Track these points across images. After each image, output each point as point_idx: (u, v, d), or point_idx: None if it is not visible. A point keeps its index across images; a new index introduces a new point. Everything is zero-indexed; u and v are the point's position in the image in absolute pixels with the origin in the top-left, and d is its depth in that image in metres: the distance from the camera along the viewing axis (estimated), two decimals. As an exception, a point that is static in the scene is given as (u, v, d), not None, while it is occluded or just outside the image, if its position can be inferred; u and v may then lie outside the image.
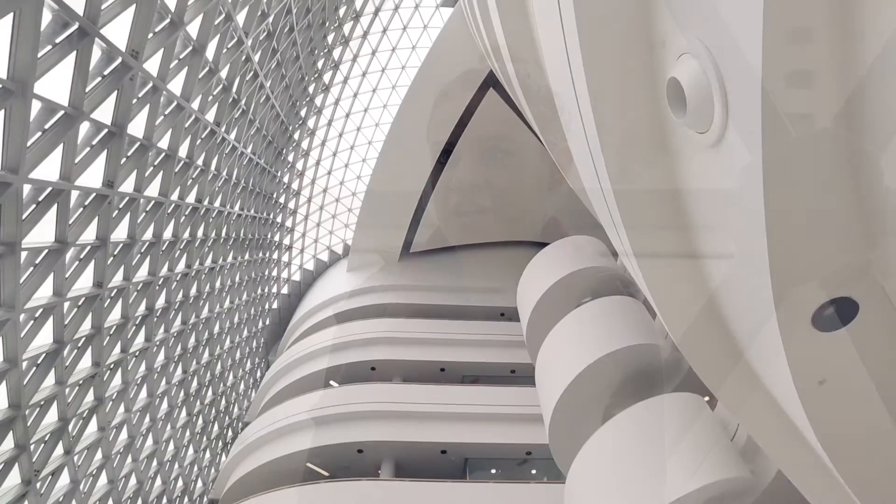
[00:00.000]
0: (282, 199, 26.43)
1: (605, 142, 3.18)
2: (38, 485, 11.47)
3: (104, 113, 9.41)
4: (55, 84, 7.95)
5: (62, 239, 9.68)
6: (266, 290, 30.08)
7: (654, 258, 3.46)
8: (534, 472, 15.43)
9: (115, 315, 13.33)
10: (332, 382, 19.10)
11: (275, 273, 30.57)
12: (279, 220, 27.97)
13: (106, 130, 9.76)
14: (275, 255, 29.28)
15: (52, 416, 11.63)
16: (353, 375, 18.84)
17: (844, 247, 2.34)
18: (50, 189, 8.98)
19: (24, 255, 8.91)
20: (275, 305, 31.82)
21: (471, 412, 15.92)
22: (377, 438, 15.33)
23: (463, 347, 19.20)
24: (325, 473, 15.98)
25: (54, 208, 9.17)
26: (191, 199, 15.54)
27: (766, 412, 4.44)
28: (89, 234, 10.84)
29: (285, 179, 25.68)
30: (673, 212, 3.19)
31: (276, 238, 28.72)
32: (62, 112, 8.35)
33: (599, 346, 11.80)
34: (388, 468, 15.44)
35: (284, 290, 31.98)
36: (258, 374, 31.37)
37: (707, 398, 11.03)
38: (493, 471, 15.62)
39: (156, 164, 12.47)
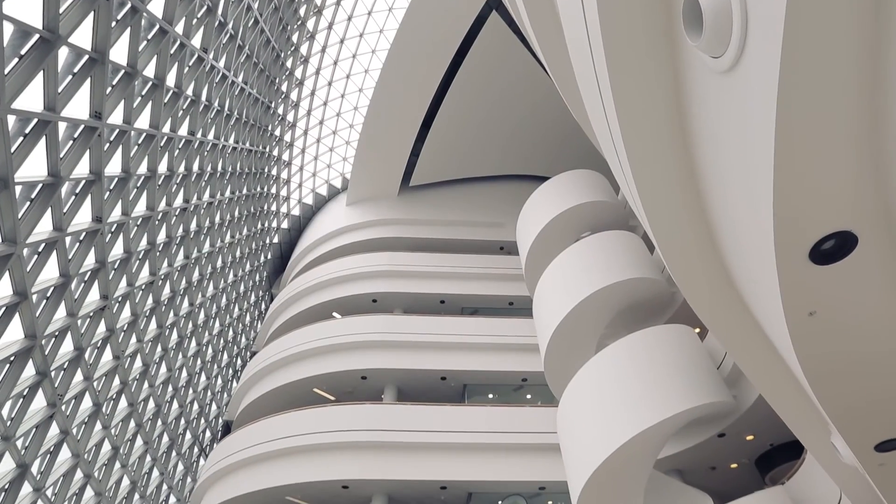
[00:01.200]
0: (277, 132, 25.68)
1: (612, 69, 3.02)
2: (63, 407, 12.20)
3: (83, 37, 8.88)
4: (27, 5, 7.43)
5: (55, 173, 9.52)
6: (266, 224, 30.10)
7: (656, 190, 3.42)
8: (529, 396, 16.36)
9: (117, 250, 13.44)
10: (335, 314, 19.69)
11: (274, 208, 30.43)
12: (275, 153, 27.36)
13: (87, 57, 9.26)
14: (273, 190, 28.98)
15: (67, 345, 12.11)
16: (355, 307, 19.38)
17: (851, 181, 2.30)
18: (36, 121, 8.69)
19: (18, 189, 8.80)
20: (275, 240, 32.02)
21: (470, 342, 16.56)
22: (380, 366, 16.07)
23: (462, 280, 19.58)
24: (331, 398, 16.96)
25: (43, 141, 8.93)
26: (183, 131, 15.09)
27: (753, 342, 4.62)
28: (83, 168, 10.65)
29: (280, 111, 24.78)
30: (679, 142, 3.11)
31: (274, 172, 28.27)
32: (37, 36, 7.88)
33: (596, 279, 12.00)
34: (391, 393, 16.34)
35: (284, 225, 32.02)
36: (263, 306, 32.26)
37: (698, 329, 11.44)
38: (491, 395, 16.55)
39: (143, 94, 11.97)
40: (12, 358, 10.09)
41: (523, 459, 13.34)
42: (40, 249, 10.12)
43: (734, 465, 12.11)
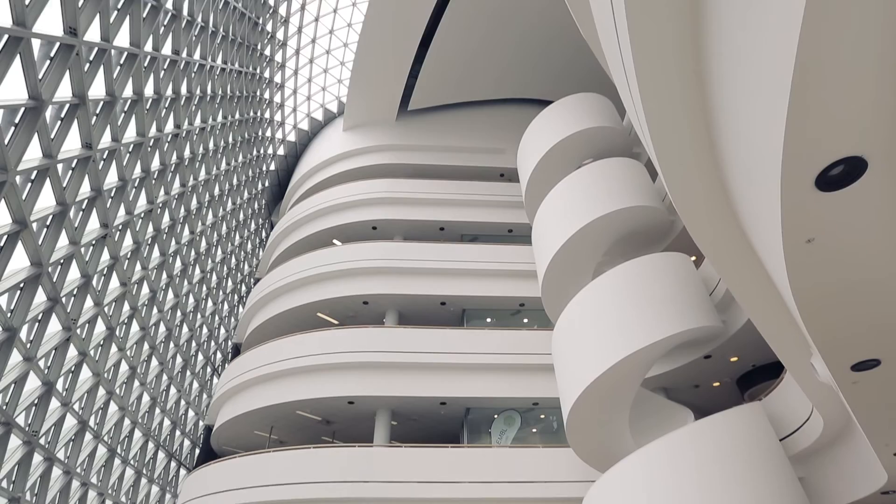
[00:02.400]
0: (267, 52, 24.23)
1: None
2: (79, 331, 12.69)
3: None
4: None
5: (35, 96, 9.12)
6: (262, 151, 29.39)
7: (664, 112, 3.28)
8: (525, 321, 16.96)
9: (112, 178, 13.24)
10: (335, 241, 19.85)
11: (269, 133, 29.55)
12: (266, 75, 26.02)
13: (53, -36, 8.49)
14: (266, 115, 27.95)
15: (74, 273, 12.34)
16: (355, 234, 19.50)
17: (869, 106, 2.19)
18: (6, 37, 8.16)
19: (0, 113, 8.48)
20: (272, 167, 31.46)
21: (469, 268, 16.85)
22: (381, 291, 16.49)
23: (462, 207, 19.52)
24: (335, 322, 17.59)
25: (18, 61, 8.45)
26: (166, 50, 14.23)
27: (747, 268, 4.70)
28: (65, 91, 10.18)
29: (268, 28, 23.19)
30: (691, 60, 2.93)
31: (266, 96, 27.08)
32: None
33: (596, 207, 11.95)
34: (392, 317, 16.93)
35: (281, 152, 31.29)
36: (263, 234, 32.45)
37: (694, 257, 11.60)
38: (489, 320, 17.15)
39: (119, 7, 11.13)
40: (22, 284, 10.32)
41: (518, 378, 14.14)
42: (33, 177, 9.97)
43: (717, 384, 12.88)
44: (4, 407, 10.24)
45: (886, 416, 5.17)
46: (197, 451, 22.14)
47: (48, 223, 10.87)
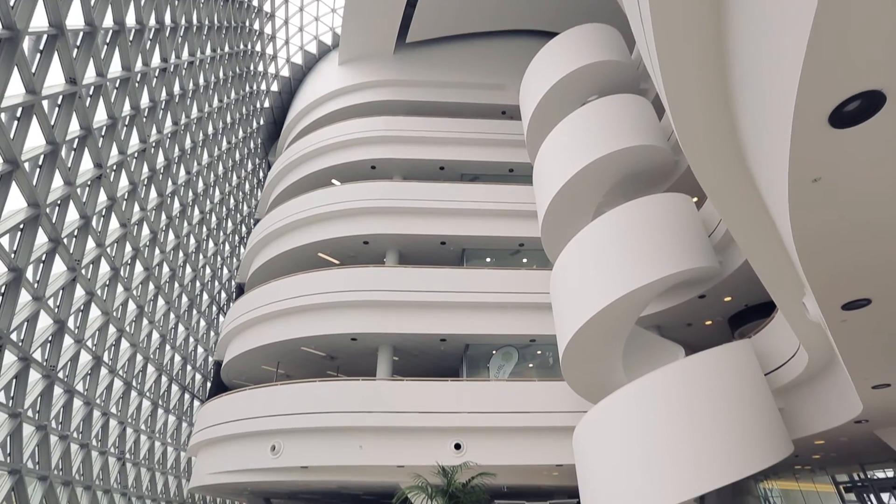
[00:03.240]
0: (253, -25, 22.60)
1: None
2: (84, 271, 12.87)
3: None
4: None
5: (9, 25, 8.61)
6: (254, 87, 28.26)
7: (676, 42, 3.10)
8: (525, 260, 17.13)
9: (100, 115, 12.84)
10: (333, 181, 19.60)
11: (261, 68, 28.25)
12: (255, 3, 24.42)
13: None
14: (258, 48, 26.57)
15: (73, 214, 12.30)
16: (353, 174, 19.21)
17: (891, 38, 2.06)
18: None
19: (-24, 45, 8.05)
20: (266, 104, 30.40)
21: (469, 208, 16.77)
22: (381, 231, 16.52)
23: (462, 146, 19.08)
24: (336, 261, 17.78)
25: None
26: (145, -27, 13.26)
27: (749, 209, 4.66)
28: (40, 20, 9.61)
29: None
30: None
31: (256, 27, 25.58)
32: None
33: (598, 146, 11.67)
34: (392, 257, 17.08)
35: (274, 88, 30.10)
36: (260, 174, 31.99)
37: (696, 198, 11.50)
38: (488, 259, 17.31)
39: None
40: (21, 226, 10.31)
41: (517, 316, 14.52)
42: (18, 115, 9.65)
43: (709, 323, 13.23)
44: (21, 343, 10.60)
45: (870, 352, 5.35)
46: (208, 384, 23.24)
47: (40, 163, 10.67)
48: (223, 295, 26.31)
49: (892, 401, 7.01)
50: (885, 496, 14.39)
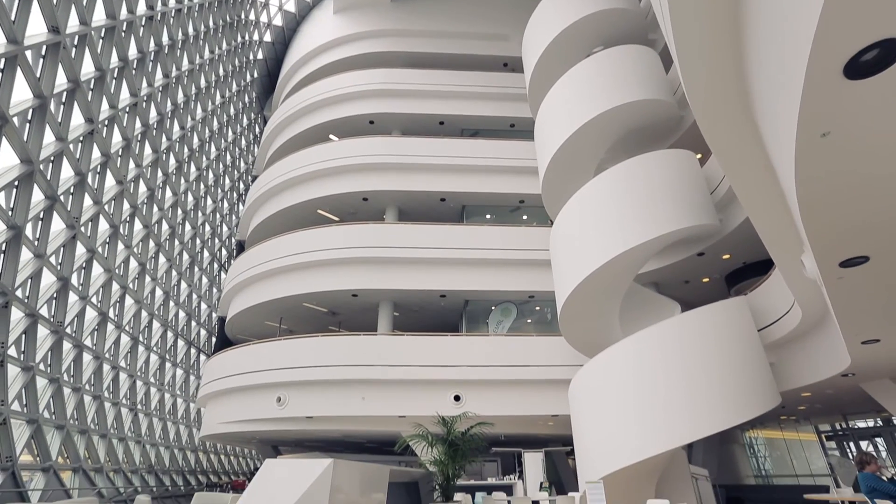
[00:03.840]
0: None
1: None
2: (83, 229, 12.85)
3: None
4: None
5: (-13, -31, 8.16)
6: (247, 37, 27.14)
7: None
8: (525, 217, 17.07)
9: (87, 67, 12.40)
10: (331, 136, 19.22)
11: (252, 16, 27.02)
12: (242, -58, 23.01)
13: None
14: (247, -7, 25.29)
15: (67, 171, 12.14)
16: (351, 129, 18.80)
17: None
18: None
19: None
20: (260, 55, 29.31)
21: (469, 164, 16.53)
22: (380, 188, 16.37)
23: (463, 100, 18.55)
24: (335, 218, 17.73)
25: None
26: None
27: (754, 165, 4.59)
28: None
29: None
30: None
31: (244, -31, 24.23)
32: None
33: (602, 101, 11.36)
34: (392, 214, 17.02)
35: (267, 38, 28.91)
36: (256, 129, 31.31)
37: (699, 155, 11.31)
38: (488, 216, 17.25)
39: None
40: (17, 183, 10.20)
41: (516, 272, 14.64)
42: (2, 66, 9.32)
43: (706, 280, 13.36)
44: (27, 300, 10.74)
45: (863, 308, 5.44)
46: (213, 339, 23.77)
47: (30, 118, 10.42)
48: (224, 252, 26.43)
49: (880, 355, 7.19)
50: (863, 444, 15.07)
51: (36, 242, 11.03)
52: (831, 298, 5.16)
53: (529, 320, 15.38)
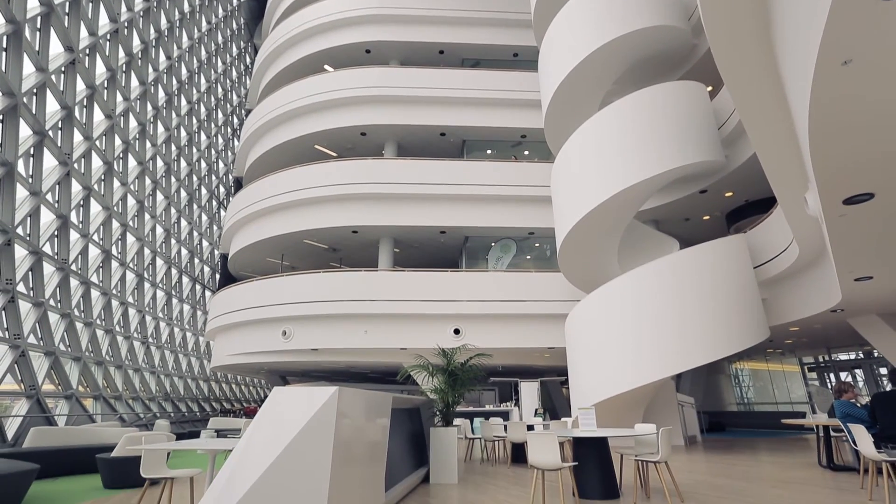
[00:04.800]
0: None
1: None
2: (76, 165, 12.61)
3: None
4: None
5: None
6: (228, -47, 25.07)
7: None
8: (526, 153, 16.70)
9: (61, -12, 11.56)
10: (326, 67, 18.33)
11: (233, -71, 24.77)
12: None
13: None
14: None
15: (52, 104, 11.69)
16: (347, 58, 17.89)
17: None
18: None
19: None
20: (245, -25, 27.25)
21: (470, 96, 15.92)
22: (378, 122, 15.88)
23: (464, 27, 17.48)
24: (333, 154, 17.36)
25: None
26: None
27: (767, 97, 4.41)
28: None
29: None
30: None
31: None
32: None
33: (610, 28, 10.71)
34: (391, 149, 16.64)
35: (251, -46, 26.71)
36: (247, 59, 29.80)
37: (710, 87, 10.83)
38: (489, 151, 16.88)
39: None
40: (1, 117, 9.87)
41: (516, 209, 14.57)
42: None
43: (706, 218, 13.32)
44: (29, 238, 10.78)
45: (861, 246, 5.46)
46: (217, 275, 24.17)
47: (4, 45, 9.86)
48: (221, 189, 26.17)
49: (870, 292, 7.34)
50: (843, 374, 15.82)
51: (30, 180, 10.87)
52: (830, 236, 5.17)
53: (529, 256, 15.54)
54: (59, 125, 12.00)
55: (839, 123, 3.18)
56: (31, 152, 10.95)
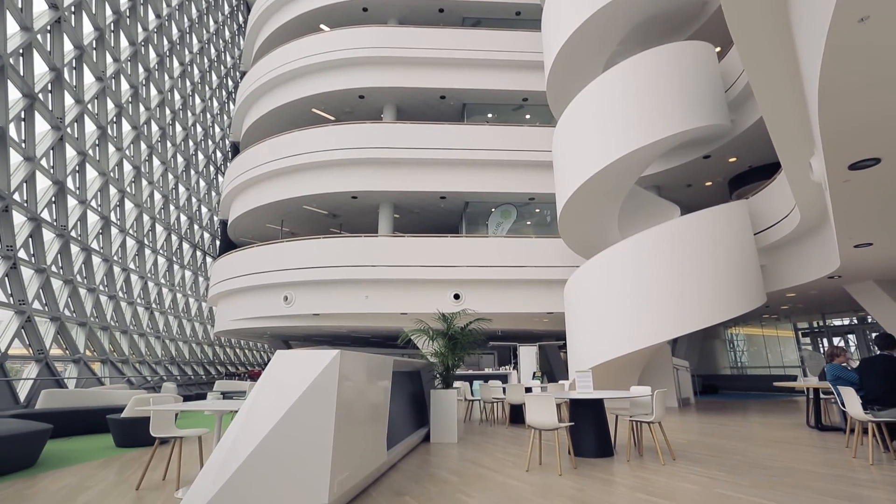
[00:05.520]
0: None
1: None
2: (69, 129, 12.38)
3: None
4: None
5: None
6: None
7: None
8: (528, 117, 16.37)
9: (42, -60, 10.99)
10: (322, 26, 17.71)
11: None
12: None
13: None
14: None
15: (40, 65, 11.36)
16: (344, 18, 17.27)
17: None
18: None
19: None
20: (234, -74, 25.90)
21: (470, 58, 15.47)
22: (377, 84, 15.49)
23: (464, -17, 16.79)
24: (331, 118, 17.02)
25: None
26: None
27: (778, 57, 4.28)
28: None
29: None
30: None
31: None
32: None
33: (620, -19, 10.24)
34: (390, 112, 16.30)
35: None
36: (240, 17, 28.76)
37: (718, 48, 10.49)
38: (490, 115, 16.54)
39: None
40: (-11, 79, 9.60)
41: (517, 174, 14.42)
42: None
43: (709, 184, 13.20)
44: (26, 204, 10.71)
45: (863, 212, 5.43)
46: (217, 242, 24.18)
47: (-11, 4, 9.49)
48: (218, 154, 25.81)
49: (869, 258, 7.36)
50: (836, 339, 16.09)
51: (23, 145, 10.70)
52: (833, 202, 5.13)
53: (529, 222, 15.51)
54: (49, 88, 11.70)
55: (850, 84, 3.10)
56: (23, 116, 10.73)
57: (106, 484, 3.99)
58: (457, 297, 12.96)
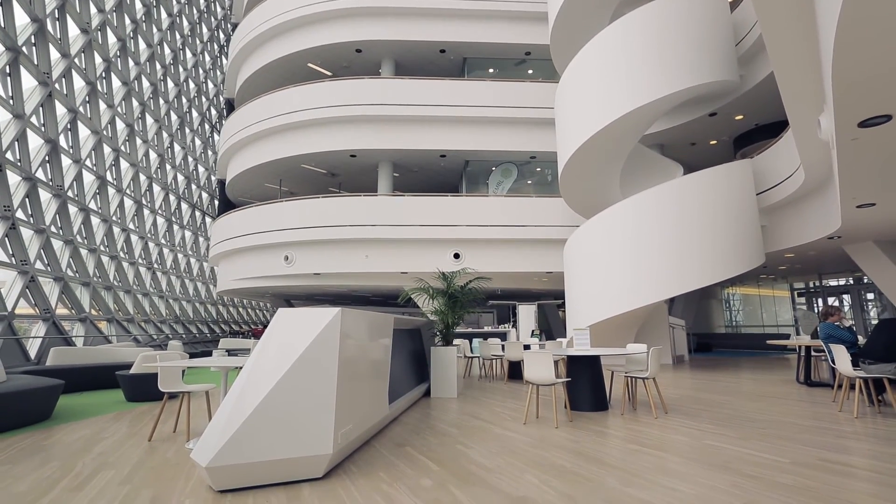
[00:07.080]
0: None
1: None
2: (57, 85, 12.02)
3: None
4: None
5: None
6: None
7: None
8: (530, 72, 15.87)
9: None
10: (315, -25, 16.81)
11: None
12: None
13: None
14: None
15: (22, 17, 10.89)
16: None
17: None
18: None
19: None
20: None
21: (471, 8, 14.82)
22: (374, 37, 14.92)
23: (465, -73, 15.80)
24: (328, 73, 16.49)
25: None
26: None
27: (792, 8, 4.11)
28: None
29: None
30: None
31: None
32: None
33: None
34: (388, 67, 15.78)
35: None
36: (229, -36, 27.31)
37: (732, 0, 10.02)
38: (491, 70, 16.02)
39: None
40: (-30, 31, 9.23)
41: (518, 131, 14.14)
42: None
43: (713, 142, 12.96)
44: (19, 163, 10.56)
45: (868, 172, 5.36)
46: (216, 201, 24.02)
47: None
48: (213, 111, 25.21)
49: (869, 219, 7.33)
50: (831, 299, 16.29)
51: (11, 101, 10.42)
52: (840, 161, 5.06)
53: (530, 181, 15.35)
54: (33, 41, 11.27)
55: (867, 33, 2.98)
56: (7, 71, 10.40)
57: (120, 435, 4.15)
58: (457, 256, 13.02)
